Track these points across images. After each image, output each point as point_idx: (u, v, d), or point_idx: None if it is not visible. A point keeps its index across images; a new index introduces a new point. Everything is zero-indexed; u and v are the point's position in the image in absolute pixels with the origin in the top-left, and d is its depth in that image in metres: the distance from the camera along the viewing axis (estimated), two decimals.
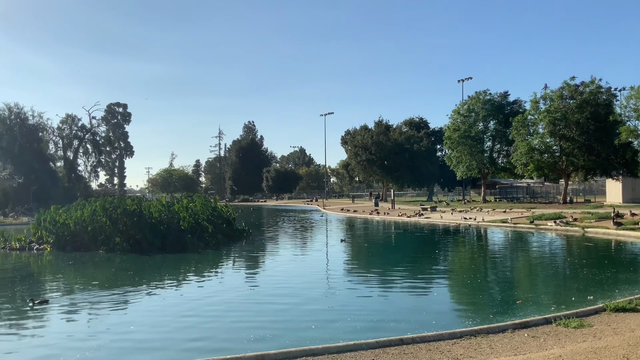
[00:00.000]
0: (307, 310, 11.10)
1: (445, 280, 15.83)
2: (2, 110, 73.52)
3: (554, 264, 18.18)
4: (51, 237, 24.31)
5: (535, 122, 51.79)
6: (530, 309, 10.60)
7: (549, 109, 49.18)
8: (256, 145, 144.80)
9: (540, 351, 6.94)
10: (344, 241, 27.04)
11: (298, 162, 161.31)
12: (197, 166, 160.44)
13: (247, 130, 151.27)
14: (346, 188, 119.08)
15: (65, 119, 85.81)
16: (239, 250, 23.78)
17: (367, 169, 77.50)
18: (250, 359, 6.76)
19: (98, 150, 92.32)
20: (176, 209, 25.24)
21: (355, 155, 77.57)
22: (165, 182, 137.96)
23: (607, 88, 49.26)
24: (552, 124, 48.28)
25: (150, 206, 24.92)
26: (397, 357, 6.78)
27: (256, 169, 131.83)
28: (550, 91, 50.67)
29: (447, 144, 62.20)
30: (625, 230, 24.68)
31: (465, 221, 35.24)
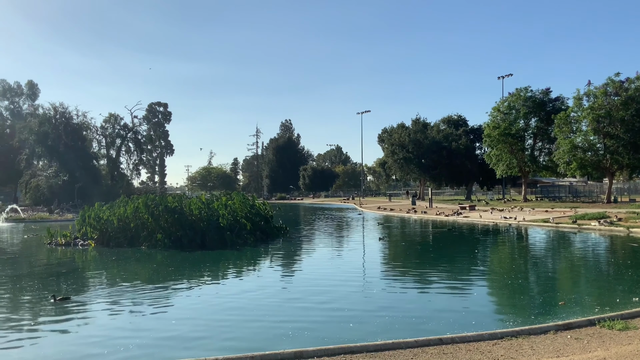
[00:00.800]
0: (345, 308, 11.12)
1: (485, 280, 15.61)
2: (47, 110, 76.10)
3: (598, 264, 17.71)
4: (95, 233, 25.04)
5: (579, 120, 50.45)
6: (572, 310, 10.37)
7: (593, 105, 47.83)
8: (293, 143, 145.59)
9: (584, 353, 6.80)
10: (382, 239, 26.98)
11: (334, 160, 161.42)
12: (234, 164, 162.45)
13: (284, 128, 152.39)
14: (383, 186, 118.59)
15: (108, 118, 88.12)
16: (277, 247, 23.97)
17: (404, 167, 76.90)
18: (289, 355, 6.83)
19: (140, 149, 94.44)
20: (215, 207, 25.63)
21: (393, 153, 77.07)
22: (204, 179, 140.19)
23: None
24: (596, 121, 46.97)
25: (190, 204, 25.38)
26: (436, 356, 6.75)
27: (293, 167, 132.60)
28: (594, 88, 49.29)
29: (487, 141, 61.19)
30: None
31: (506, 220, 34.63)
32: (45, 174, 68.61)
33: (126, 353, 8.22)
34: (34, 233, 31.90)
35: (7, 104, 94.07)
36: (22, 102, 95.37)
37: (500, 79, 71.22)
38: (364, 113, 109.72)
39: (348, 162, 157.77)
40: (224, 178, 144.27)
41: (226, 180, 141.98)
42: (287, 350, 6.95)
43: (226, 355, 6.84)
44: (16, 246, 26.51)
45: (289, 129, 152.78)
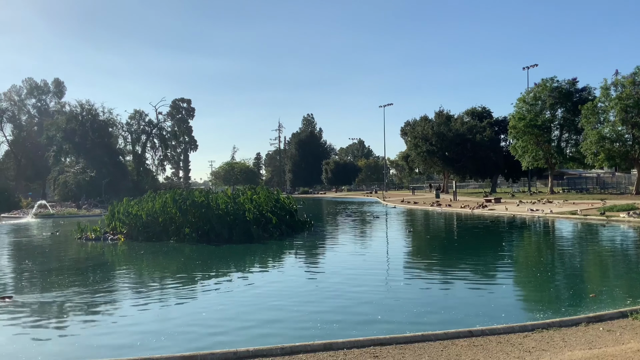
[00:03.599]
0: (372, 301, 11.15)
1: (513, 273, 15.48)
2: (74, 107, 77.48)
3: (628, 256, 17.42)
4: (124, 227, 25.47)
5: (606, 110, 49.51)
6: (603, 302, 10.24)
7: (621, 95, 46.87)
8: (315, 137, 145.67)
9: (617, 345, 6.72)
10: (411, 232, 27.05)
11: (357, 154, 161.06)
12: (257, 159, 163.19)
13: (306, 123, 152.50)
14: (406, 180, 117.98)
15: (134, 115, 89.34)
16: (302, 241, 24.08)
17: (427, 160, 76.37)
18: (319, 347, 6.89)
19: (164, 145, 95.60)
20: (241, 201, 25.84)
21: (415, 146, 76.57)
22: (228, 174, 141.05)
23: None
24: (624, 111, 46.03)
25: (217, 198, 25.64)
26: (467, 348, 6.74)
27: (315, 161, 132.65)
28: (621, 77, 48.29)
29: (512, 133, 60.44)
30: None
31: (532, 213, 34.21)
32: (72, 170, 69.82)
33: (157, 343, 8.38)
34: (60, 229, 32.53)
35: (35, 101, 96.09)
36: (49, 99, 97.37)
37: (525, 69, 70.12)
38: (387, 106, 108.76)
39: (370, 155, 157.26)
40: (247, 173, 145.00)
41: (249, 175, 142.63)
42: (317, 342, 7.01)
43: (257, 347, 6.93)
44: (47, 240, 27.07)
45: (311, 123, 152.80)
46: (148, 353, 7.40)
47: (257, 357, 6.68)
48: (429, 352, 6.60)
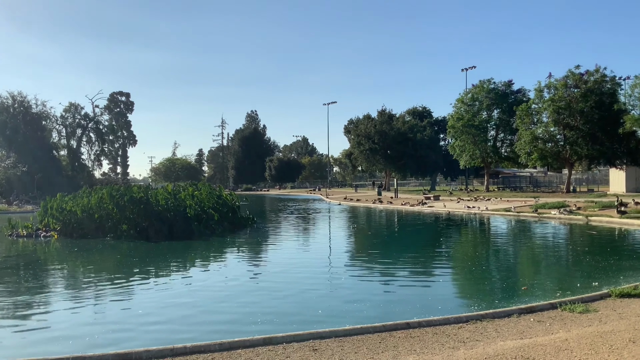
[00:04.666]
0: (313, 296, 11.19)
1: (450, 267, 15.89)
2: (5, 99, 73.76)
3: (558, 251, 18.22)
4: (58, 224, 24.47)
5: (540, 111, 51.70)
6: (535, 294, 10.66)
7: (553, 97, 49.05)
8: (259, 134, 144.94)
9: (547, 335, 7.00)
10: (356, 227, 27.40)
11: (301, 151, 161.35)
12: (199, 155, 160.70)
13: (250, 119, 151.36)
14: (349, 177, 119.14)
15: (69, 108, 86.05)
16: (245, 238, 23.87)
17: (370, 158, 77.47)
18: (259, 341, 6.83)
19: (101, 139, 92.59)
20: (182, 197, 25.36)
21: (359, 144, 77.52)
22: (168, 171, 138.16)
23: (611, 77, 49.14)
24: (556, 112, 48.20)
25: (156, 194, 25.04)
26: (404, 340, 6.85)
27: (259, 159, 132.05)
28: (554, 80, 50.55)
29: (451, 133, 62.20)
30: (629, 218, 24.69)
31: (469, 210, 35.27)
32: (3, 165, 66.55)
33: (91, 342, 8.08)
34: None
35: None
36: None
37: (464, 71, 72.19)
38: (330, 104, 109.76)
39: (314, 153, 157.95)
40: (189, 169, 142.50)
41: (191, 172, 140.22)
42: (256, 337, 6.94)
43: (195, 343, 6.78)
44: None
45: (255, 119, 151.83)
46: (81, 351, 7.12)
47: (195, 353, 6.54)
48: (368, 344, 6.66)
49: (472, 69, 72.38)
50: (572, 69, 49.40)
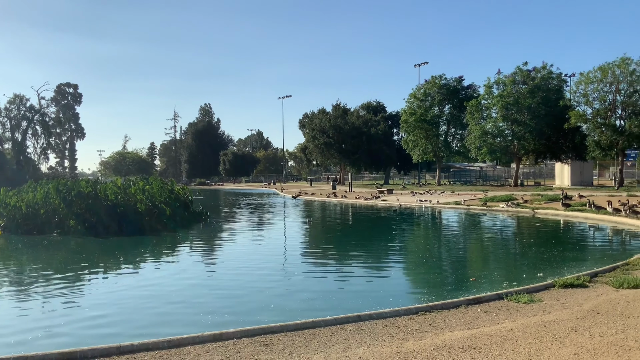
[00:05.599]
0: (266, 291, 11.14)
1: (402, 260, 16.12)
2: None
3: (506, 243, 18.75)
4: (2, 220, 23.55)
5: (489, 107, 52.95)
6: (483, 285, 10.93)
7: (502, 93, 50.31)
8: (213, 128, 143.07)
9: (493, 325, 7.18)
10: (310, 221, 27.44)
11: (256, 145, 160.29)
12: (151, 149, 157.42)
13: (203, 112, 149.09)
14: (304, 171, 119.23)
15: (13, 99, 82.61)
16: (197, 232, 23.56)
17: (324, 152, 77.71)
18: (209, 337, 6.73)
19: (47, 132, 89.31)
20: (133, 192, 24.74)
21: (313, 138, 77.60)
22: (119, 165, 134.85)
23: (557, 74, 50.82)
24: (505, 108, 49.46)
25: (105, 188, 24.35)
26: (355, 332, 6.90)
27: (213, 152, 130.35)
28: (503, 76, 51.83)
29: (404, 127, 63.00)
30: (573, 211, 25.63)
31: (421, 203, 35.86)
32: None
33: (35, 341, 7.80)
34: None
35: None
36: None
37: (416, 66, 73.19)
38: (285, 98, 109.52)
39: (269, 147, 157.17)
40: (140, 163, 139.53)
41: (142, 166, 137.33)
42: (206, 333, 6.84)
43: (142, 341, 6.63)
44: None
45: (209, 113, 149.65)
46: (23, 351, 6.85)
47: (142, 351, 6.40)
48: (319, 338, 6.67)
49: (424, 65, 73.51)
50: (520, 65, 50.81)
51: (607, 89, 43.73)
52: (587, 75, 44.75)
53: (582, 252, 15.83)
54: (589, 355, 5.87)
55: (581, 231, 21.83)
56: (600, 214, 23.50)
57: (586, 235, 20.78)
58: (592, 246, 17.64)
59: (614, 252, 15.19)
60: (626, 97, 43.02)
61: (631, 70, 42.03)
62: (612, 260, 12.38)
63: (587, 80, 44.46)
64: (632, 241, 18.08)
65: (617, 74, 42.57)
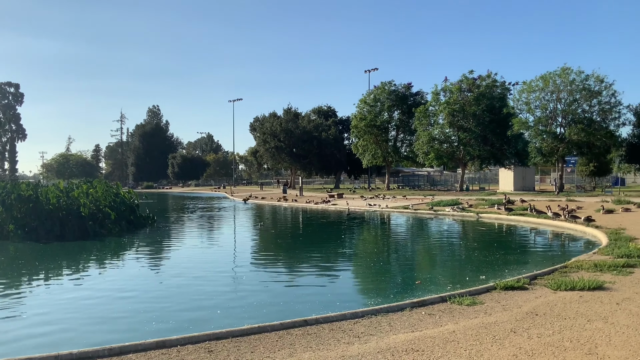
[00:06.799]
0: (213, 296, 11.01)
1: (350, 264, 16.26)
2: None
3: (451, 247, 19.19)
4: None
5: (436, 113, 54.24)
6: (428, 288, 11.14)
7: (449, 100, 51.64)
8: (161, 130, 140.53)
9: (436, 327, 7.33)
10: (261, 225, 27.33)
11: (205, 148, 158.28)
12: (96, 151, 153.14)
13: (151, 114, 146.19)
14: (255, 175, 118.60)
15: None
16: (143, 237, 23.05)
17: (275, 156, 77.56)
18: (151, 345, 6.59)
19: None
20: (76, 195, 23.99)
21: (264, 142, 77.33)
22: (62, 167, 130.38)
23: (501, 82, 52.58)
24: (451, 115, 50.76)
25: (47, 192, 23.49)
26: (301, 337, 6.91)
27: (161, 155, 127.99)
28: (450, 84, 53.22)
29: (354, 132, 63.68)
30: (515, 215, 26.48)
31: (370, 207, 36.28)
32: None
33: None
34: None
35: None
36: None
37: (367, 72, 74.19)
38: (236, 101, 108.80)
39: (219, 150, 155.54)
40: (84, 166, 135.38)
41: (87, 168, 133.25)
42: (148, 341, 6.69)
43: (82, 349, 6.43)
44: None
45: (157, 115, 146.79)
46: None
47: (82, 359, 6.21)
48: (265, 343, 6.65)
49: (374, 71, 74.61)
50: (466, 73, 52.34)
51: (549, 98, 45.62)
52: (529, 84, 46.54)
53: (522, 255, 16.37)
54: (526, 356, 6.07)
55: (522, 235, 22.60)
56: (541, 218, 24.38)
57: (527, 239, 21.54)
58: (533, 249, 18.29)
59: (553, 255, 15.79)
60: (566, 106, 44.95)
61: (571, 80, 43.97)
62: (551, 263, 12.85)
63: (530, 88, 46.24)
64: (570, 244, 18.84)
65: (557, 83, 44.46)
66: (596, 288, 9.44)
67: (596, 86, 43.90)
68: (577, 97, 44.38)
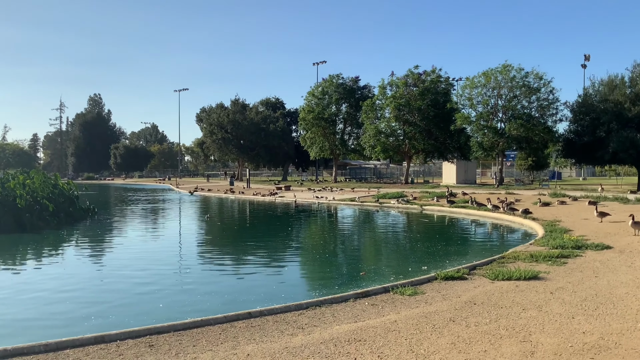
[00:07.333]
0: (156, 290, 10.82)
1: (297, 256, 16.32)
2: None
3: (396, 238, 19.55)
4: None
5: (383, 107, 54.94)
6: (372, 279, 11.32)
7: (395, 95, 52.40)
8: (103, 119, 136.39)
9: (378, 317, 7.47)
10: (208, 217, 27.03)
11: (150, 139, 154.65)
12: (34, 141, 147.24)
13: (93, 103, 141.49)
14: (201, 167, 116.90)
15: None
16: (83, 230, 22.38)
17: (222, 147, 76.68)
18: (90, 340, 6.43)
19: None
20: (12, 186, 22.96)
21: (211, 133, 76.32)
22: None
23: (445, 78, 53.74)
24: (397, 109, 51.55)
25: None
26: (245, 330, 6.90)
27: (103, 145, 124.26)
28: (396, 78, 53.98)
29: (302, 125, 63.72)
30: (457, 207, 27.21)
31: (318, 200, 36.46)
32: None
33: None
34: None
35: None
36: None
37: (315, 65, 74.31)
38: (182, 91, 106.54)
39: (165, 141, 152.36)
40: (21, 156, 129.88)
41: (24, 159, 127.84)
42: (87, 336, 6.52)
43: (16, 345, 6.20)
44: None
45: (99, 104, 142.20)
46: None
47: (17, 355, 5.98)
48: (207, 337, 6.60)
49: (323, 64, 74.87)
50: (412, 68, 53.26)
51: (490, 94, 47.00)
52: (472, 80, 47.79)
53: (463, 246, 16.86)
54: (464, 344, 6.27)
55: (463, 226, 23.27)
56: (481, 210, 25.15)
57: (468, 230, 22.20)
58: (473, 240, 18.88)
59: (492, 246, 16.32)
60: (506, 102, 46.45)
61: (511, 77, 45.45)
62: (490, 254, 13.26)
63: (472, 84, 47.50)
64: (508, 236, 19.55)
65: (499, 79, 45.87)
66: (532, 278, 9.83)
67: (535, 83, 45.56)
68: (517, 94, 45.93)
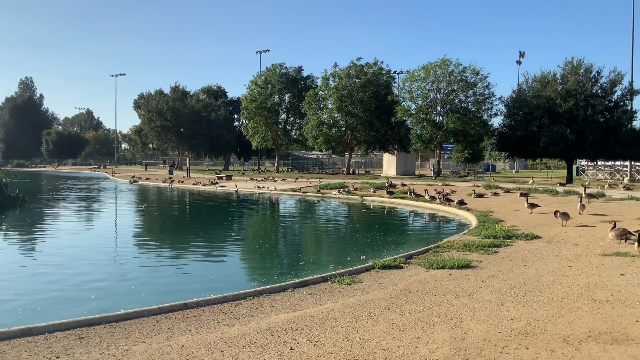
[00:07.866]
0: (88, 281, 10.49)
1: (237, 246, 16.20)
2: None
3: (336, 228, 19.74)
4: None
5: (325, 98, 55.14)
6: (311, 269, 11.38)
7: (338, 86, 52.69)
8: (34, 104, 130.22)
9: (316, 306, 7.53)
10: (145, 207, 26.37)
11: (85, 125, 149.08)
12: None
13: (23, 87, 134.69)
14: (139, 155, 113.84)
15: None
16: (12, 219, 21.37)
17: (161, 135, 74.95)
18: (16, 333, 6.15)
19: None
20: None
21: (150, 120, 74.40)
22: None
23: (387, 70, 54.49)
24: (340, 100, 51.87)
25: None
26: (180, 321, 6.79)
27: (34, 131, 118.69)
28: (339, 69, 54.24)
29: (244, 114, 63.13)
30: (396, 198, 27.73)
31: (259, 190, 36.26)
32: None
33: None
34: None
35: None
36: None
37: (258, 53, 73.65)
38: (119, 76, 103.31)
39: (100, 127, 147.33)
40: None
41: None
42: (13, 328, 6.24)
43: None
44: None
45: (30, 87, 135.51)
46: None
47: None
48: (141, 328, 6.45)
49: (266, 52, 74.21)
50: (355, 60, 53.61)
51: (429, 87, 48.04)
52: (412, 74, 48.67)
53: (401, 235, 17.22)
54: (398, 331, 6.41)
55: (402, 217, 23.76)
56: (419, 201, 25.74)
57: (406, 221, 22.68)
58: (410, 230, 19.32)
59: (428, 236, 16.74)
60: (445, 95, 47.63)
61: (450, 71, 46.59)
62: (426, 243, 13.59)
63: (412, 78, 48.38)
64: (444, 226, 20.12)
65: (438, 73, 46.92)
66: (464, 266, 10.16)
67: (472, 78, 46.90)
68: (455, 88, 47.17)
